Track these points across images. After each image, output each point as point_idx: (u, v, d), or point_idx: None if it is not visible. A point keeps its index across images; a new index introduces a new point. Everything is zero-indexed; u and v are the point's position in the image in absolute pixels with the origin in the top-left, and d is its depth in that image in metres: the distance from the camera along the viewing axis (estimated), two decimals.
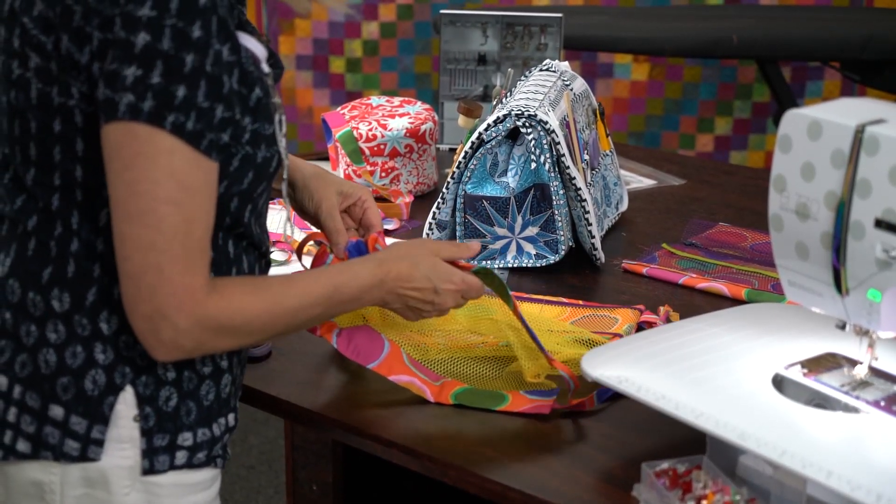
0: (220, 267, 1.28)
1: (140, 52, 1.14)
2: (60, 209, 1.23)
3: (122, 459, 1.26)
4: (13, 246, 1.26)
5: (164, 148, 1.16)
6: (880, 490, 1.09)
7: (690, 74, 4.09)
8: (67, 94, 1.20)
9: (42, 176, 1.23)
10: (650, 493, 1.21)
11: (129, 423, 1.25)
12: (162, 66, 1.14)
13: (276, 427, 3.24)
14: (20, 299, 1.25)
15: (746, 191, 2.23)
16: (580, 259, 1.86)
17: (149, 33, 1.14)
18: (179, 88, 1.15)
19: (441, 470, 1.33)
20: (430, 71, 4.10)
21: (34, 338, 1.24)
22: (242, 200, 1.28)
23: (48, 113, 1.21)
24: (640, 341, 1.40)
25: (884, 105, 1.24)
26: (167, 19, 1.14)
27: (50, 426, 1.24)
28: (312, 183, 1.52)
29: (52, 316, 1.24)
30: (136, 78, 1.14)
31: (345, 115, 2.15)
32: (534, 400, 1.41)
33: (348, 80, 4.11)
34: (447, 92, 2.48)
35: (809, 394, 1.29)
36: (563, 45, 2.47)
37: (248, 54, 1.24)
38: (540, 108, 1.80)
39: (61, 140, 1.22)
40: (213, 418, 1.30)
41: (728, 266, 1.84)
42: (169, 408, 1.27)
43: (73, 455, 1.25)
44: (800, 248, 1.27)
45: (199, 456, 1.29)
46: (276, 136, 1.29)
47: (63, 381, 1.24)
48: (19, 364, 1.25)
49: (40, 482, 1.26)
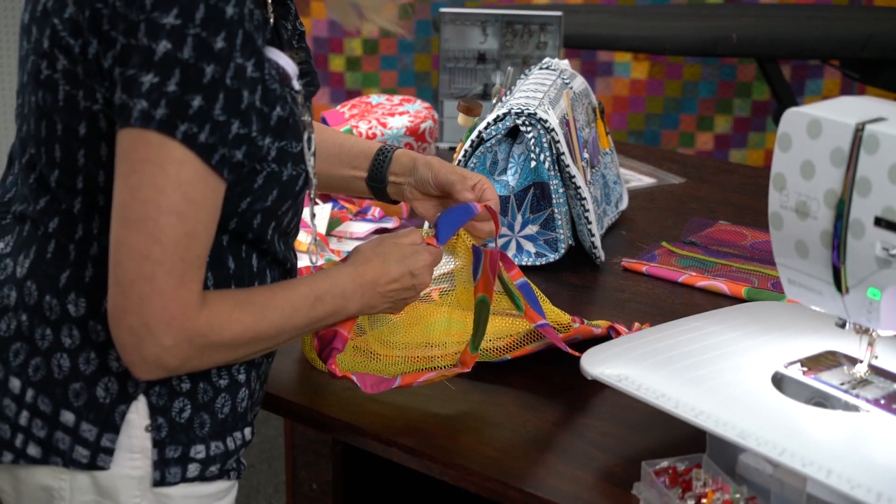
0: (243, 280, 1.27)
1: (159, 59, 1.12)
2: (82, 213, 1.22)
3: (133, 469, 1.24)
4: (33, 247, 1.25)
5: (174, 158, 1.13)
6: (880, 488, 1.09)
7: (690, 73, 4.09)
8: (93, 98, 1.18)
9: (66, 178, 1.22)
10: (650, 491, 1.21)
11: (140, 432, 1.24)
12: (179, 75, 1.12)
13: (275, 426, 3.24)
14: (37, 302, 1.23)
15: (746, 189, 2.23)
16: (580, 258, 1.86)
17: (170, 41, 1.11)
18: (195, 98, 1.12)
19: (441, 469, 1.33)
20: (429, 69, 4.10)
21: (49, 341, 1.23)
22: (266, 217, 1.26)
23: (74, 116, 1.20)
24: (640, 340, 1.40)
25: (884, 103, 1.24)
26: (191, 28, 1.11)
27: (61, 432, 1.23)
28: (426, 163, 1.52)
29: (67, 320, 1.23)
30: (151, 85, 1.12)
31: (345, 113, 2.15)
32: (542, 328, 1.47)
33: (348, 79, 4.11)
34: (447, 90, 2.49)
35: (809, 392, 1.29)
36: (562, 43, 2.47)
37: (275, 71, 1.21)
38: (540, 107, 1.80)
39: (86, 143, 1.20)
40: (227, 432, 1.28)
41: (728, 264, 1.84)
42: (182, 419, 1.25)
43: (82, 462, 1.23)
44: (800, 246, 1.27)
45: (212, 469, 1.28)
46: (303, 155, 1.27)
47: (75, 386, 1.23)
48: (33, 367, 1.24)
49: (50, 487, 1.25)
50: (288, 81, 1.25)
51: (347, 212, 2.02)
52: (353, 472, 1.97)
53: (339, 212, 2.01)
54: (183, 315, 1.14)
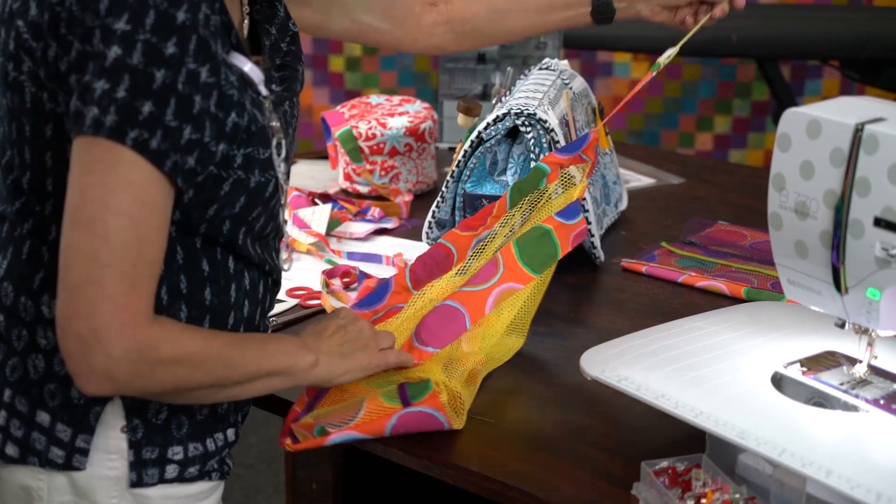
0: (218, 282, 1.25)
1: (110, 65, 1.10)
2: (53, 215, 1.20)
3: (109, 470, 1.24)
4: (10, 248, 1.25)
5: (125, 159, 1.10)
6: (880, 488, 1.09)
7: (690, 73, 4.09)
8: (55, 101, 1.18)
9: (36, 181, 1.22)
10: (649, 491, 1.21)
11: (116, 433, 1.24)
12: (129, 81, 1.10)
13: (275, 426, 3.23)
14: (13, 303, 1.24)
15: (746, 189, 2.23)
16: (580, 258, 1.86)
17: (121, 47, 1.10)
18: (145, 104, 1.10)
19: (441, 469, 1.33)
20: (429, 70, 4.10)
21: (24, 342, 1.23)
22: (235, 223, 1.25)
23: (41, 118, 1.19)
24: (640, 340, 1.40)
25: (883, 104, 1.24)
26: (140, 34, 1.10)
27: (37, 432, 1.23)
28: None
29: (41, 322, 1.23)
30: (103, 91, 1.10)
31: (344, 113, 2.15)
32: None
33: (348, 79, 4.11)
34: (447, 91, 2.49)
35: (809, 392, 1.29)
36: (562, 43, 2.48)
37: (234, 78, 1.20)
38: (539, 107, 1.80)
39: (53, 146, 1.19)
40: (207, 433, 1.29)
41: (727, 265, 1.84)
42: (159, 420, 1.25)
43: (57, 463, 1.23)
44: (799, 246, 1.27)
45: (191, 470, 1.27)
46: (272, 161, 1.25)
47: (50, 387, 1.23)
48: (10, 368, 1.24)
49: (28, 487, 1.25)
50: (252, 86, 1.24)
51: (347, 212, 2.03)
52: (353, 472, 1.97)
53: (339, 212, 2.01)
54: (133, 323, 1.10)
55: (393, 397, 1.35)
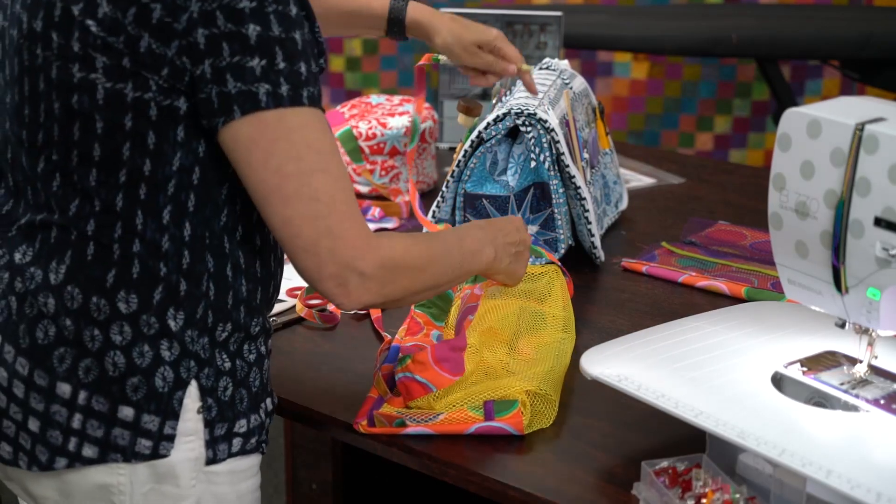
0: (263, 253, 1.32)
1: (255, 42, 1.19)
2: (124, 208, 1.24)
3: (189, 452, 1.28)
4: (68, 252, 1.26)
5: (294, 125, 1.21)
6: (880, 488, 1.09)
7: (690, 73, 4.09)
8: (144, 87, 1.21)
9: (106, 175, 1.24)
10: (650, 491, 1.21)
11: (193, 415, 1.28)
12: (281, 51, 1.20)
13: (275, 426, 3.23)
14: (81, 305, 1.25)
15: (746, 189, 2.23)
16: (580, 258, 1.86)
17: (257, 23, 1.19)
18: (300, 65, 1.22)
19: (441, 469, 1.33)
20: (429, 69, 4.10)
21: (99, 342, 1.25)
22: None
23: (119, 110, 1.22)
24: (640, 340, 1.40)
25: (883, 104, 1.24)
26: (268, 6, 1.20)
27: (119, 427, 1.26)
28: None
29: (117, 318, 1.25)
30: (262, 68, 1.19)
31: (344, 113, 2.15)
32: None
33: (348, 79, 4.11)
34: (447, 90, 2.48)
35: (809, 392, 1.29)
36: (562, 43, 2.47)
37: None
38: (539, 107, 1.80)
39: (132, 135, 1.22)
40: (259, 403, 1.34)
41: (727, 264, 1.84)
42: (226, 397, 1.30)
43: (144, 454, 1.26)
44: (799, 246, 1.27)
45: (252, 442, 1.33)
46: None
47: (133, 381, 1.25)
48: (83, 369, 1.25)
49: (107, 485, 1.28)
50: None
51: None
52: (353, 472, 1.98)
53: None
54: (368, 246, 1.25)
55: (478, 408, 1.39)
